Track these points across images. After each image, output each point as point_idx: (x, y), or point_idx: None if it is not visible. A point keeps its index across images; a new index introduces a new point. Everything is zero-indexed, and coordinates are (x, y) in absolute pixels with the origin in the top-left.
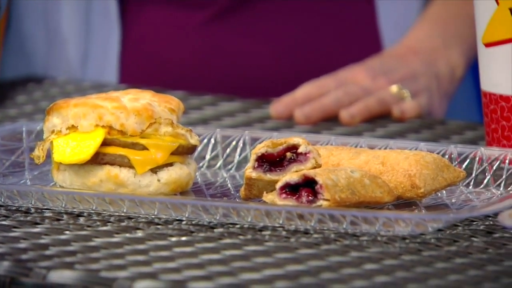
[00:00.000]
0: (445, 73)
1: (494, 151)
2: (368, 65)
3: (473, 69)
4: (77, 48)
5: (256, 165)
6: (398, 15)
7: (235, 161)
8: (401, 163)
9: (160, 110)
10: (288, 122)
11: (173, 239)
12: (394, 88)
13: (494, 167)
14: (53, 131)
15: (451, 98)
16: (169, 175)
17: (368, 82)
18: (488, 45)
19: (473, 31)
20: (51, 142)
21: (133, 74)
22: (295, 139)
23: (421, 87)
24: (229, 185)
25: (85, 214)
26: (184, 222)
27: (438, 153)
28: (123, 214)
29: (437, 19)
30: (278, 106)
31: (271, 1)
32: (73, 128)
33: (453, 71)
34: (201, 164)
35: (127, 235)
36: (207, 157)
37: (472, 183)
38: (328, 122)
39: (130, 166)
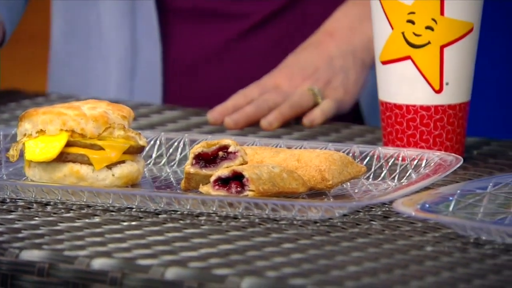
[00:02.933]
0: (360, 46)
1: (389, 150)
2: (286, 65)
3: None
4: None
5: (194, 162)
6: None
7: (177, 159)
8: (313, 160)
9: (114, 117)
10: (220, 127)
11: (125, 223)
12: (306, 89)
13: (390, 163)
14: (25, 134)
15: (370, 66)
16: (121, 171)
17: (286, 84)
18: (384, 62)
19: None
20: (24, 144)
21: (176, 92)
22: (226, 140)
23: (336, 70)
24: (171, 179)
25: (51, 203)
26: (134, 210)
27: (343, 152)
28: (83, 203)
29: (348, 5)
30: (213, 113)
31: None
32: (41, 132)
33: (370, 40)
34: (148, 162)
35: (87, 220)
36: (153, 155)
37: (371, 176)
38: (253, 127)
39: (89, 163)
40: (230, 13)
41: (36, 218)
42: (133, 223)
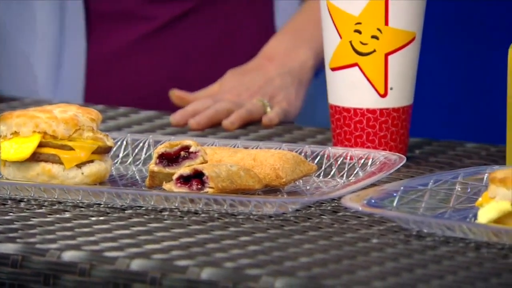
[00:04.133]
0: (296, 68)
1: (338, 150)
2: (232, 86)
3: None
4: (48, 68)
5: (157, 161)
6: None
7: (142, 158)
8: (268, 159)
9: (83, 119)
10: (181, 129)
11: (93, 218)
12: (256, 101)
13: (339, 162)
14: (0, 136)
15: (306, 85)
16: (90, 169)
17: (235, 99)
18: (334, 69)
19: (318, 34)
20: None
21: (95, 87)
22: (187, 141)
23: (277, 88)
24: (137, 177)
25: (25, 200)
26: (102, 206)
27: (296, 152)
28: (54, 199)
29: (289, 28)
30: (175, 116)
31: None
32: (15, 133)
33: (304, 63)
34: (115, 161)
35: (58, 215)
36: (120, 155)
37: (322, 174)
38: (213, 128)
39: (60, 162)
40: (144, 15)
41: (11, 214)
42: (101, 218)
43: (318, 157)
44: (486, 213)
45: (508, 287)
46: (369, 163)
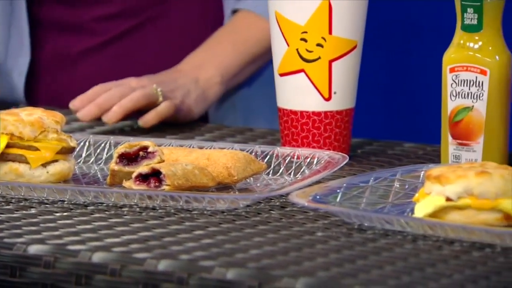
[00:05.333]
0: (202, 80)
1: (286, 150)
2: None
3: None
4: None
5: (118, 161)
6: None
7: (103, 158)
8: (221, 159)
9: (48, 122)
10: (141, 131)
11: (57, 214)
12: (149, 88)
13: (287, 161)
14: None
15: (214, 98)
16: (55, 169)
17: (134, 82)
18: (281, 74)
19: (231, 52)
20: None
21: (38, 91)
22: (146, 142)
23: (178, 86)
24: (99, 175)
25: None
26: (65, 202)
27: (247, 151)
28: (21, 196)
29: (202, 48)
30: (74, 102)
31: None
32: None
33: (210, 79)
34: (78, 160)
35: (24, 211)
36: (83, 155)
37: (271, 172)
38: (173, 129)
39: (27, 162)
40: (91, 29)
41: None
42: (65, 213)
43: (268, 157)
44: (422, 208)
45: (442, 276)
46: (314, 162)
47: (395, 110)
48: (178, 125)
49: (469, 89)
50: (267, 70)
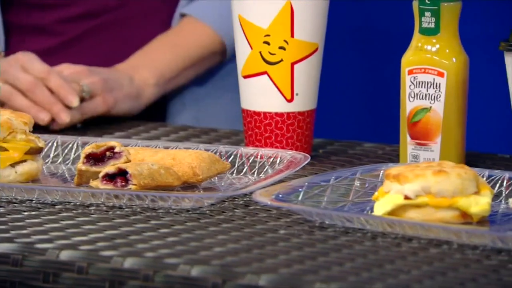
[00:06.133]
0: (136, 80)
1: (250, 150)
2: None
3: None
4: None
5: (85, 161)
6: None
7: (71, 158)
8: (186, 158)
9: (17, 123)
10: (108, 131)
11: (26, 213)
12: (76, 85)
13: (250, 161)
14: None
15: (147, 100)
16: (23, 168)
17: (69, 70)
18: (245, 77)
19: (169, 56)
20: None
21: None
22: (112, 142)
23: (114, 80)
24: (66, 175)
25: None
26: (34, 201)
27: (211, 151)
28: None
29: (141, 52)
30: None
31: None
32: None
33: (144, 81)
34: (46, 160)
35: None
36: (51, 155)
37: (235, 172)
38: (135, 129)
39: None
40: (52, 30)
41: None
42: (33, 212)
43: (232, 156)
44: (382, 206)
45: (400, 272)
46: (277, 162)
47: (355, 111)
48: (144, 126)
49: (427, 91)
50: (219, 71)
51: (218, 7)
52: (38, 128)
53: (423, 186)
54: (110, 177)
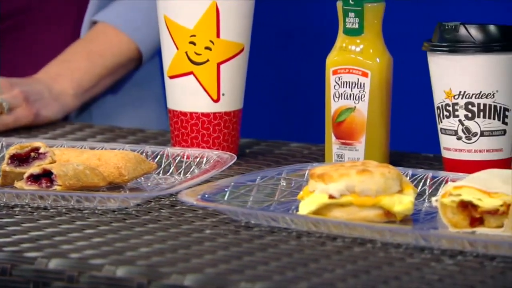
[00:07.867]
0: (56, 89)
1: (176, 150)
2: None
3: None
4: None
5: (9, 162)
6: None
7: None
8: (112, 159)
9: None
10: (33, 133)
11: None
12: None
13: (177, 161)
14: None
15: (69, 109)
16: None
17: None
18: (171, 77)
19: (86, 65)
20: None
21: None
22: (37, 143)
23: (35, 91)
24: None
25: None
26: None
27: (137, 152)
28: None
29: (58, 60)
30: None
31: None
32: None
33: (63, 90)
34: None
35: None
36: None
37: (161, 172)
38: (61, 130)
39: None
40: None
41: None
42: None
43: (158, 157)
44: (306, 205)
45: (325, 271)
46: (203, 162)
47: (281, 111)
48: (70, 127)
49: (351, 91)
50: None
51: (132, 13)
52: None
53: (348, 186)
54: (35, 178)
